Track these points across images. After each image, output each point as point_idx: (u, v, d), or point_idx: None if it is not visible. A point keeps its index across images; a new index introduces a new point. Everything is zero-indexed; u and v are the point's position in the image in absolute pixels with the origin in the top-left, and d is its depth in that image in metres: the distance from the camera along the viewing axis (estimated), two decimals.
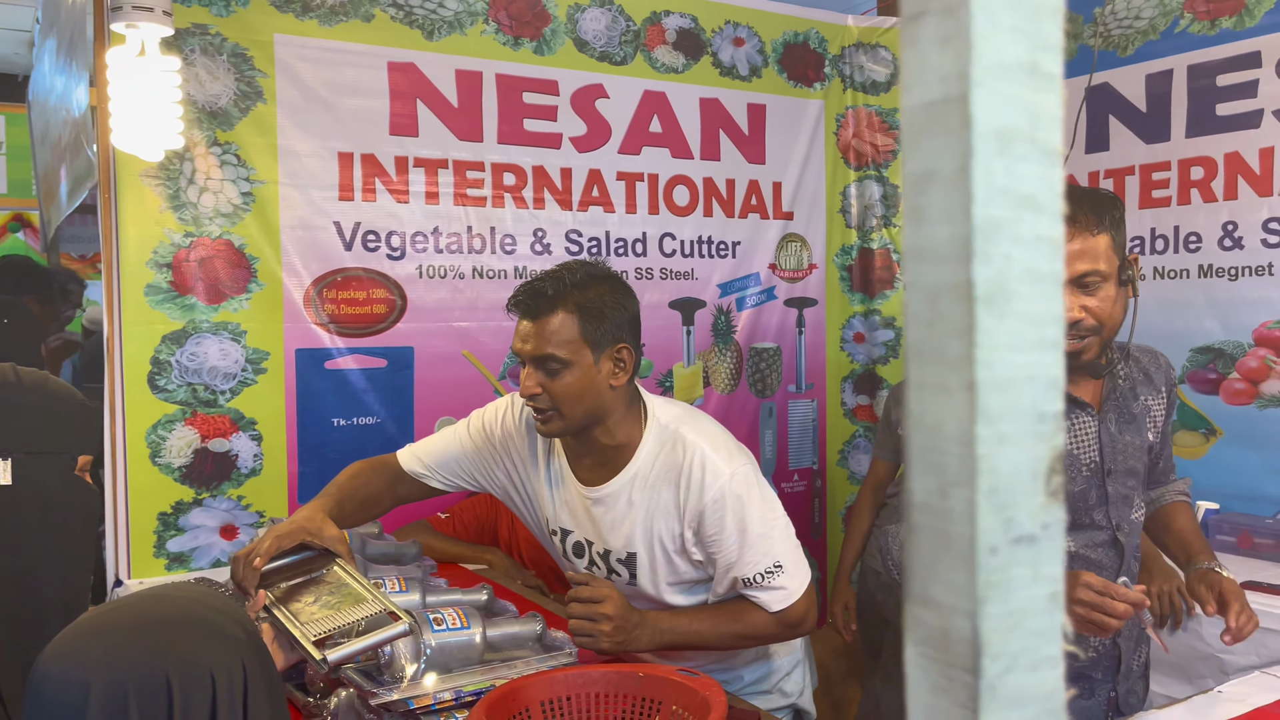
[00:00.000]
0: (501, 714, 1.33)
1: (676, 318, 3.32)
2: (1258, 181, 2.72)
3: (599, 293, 1.71)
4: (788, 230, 3.54)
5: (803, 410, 3.65)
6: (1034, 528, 0.31)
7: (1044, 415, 0.31)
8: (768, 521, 1.73)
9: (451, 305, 2.86)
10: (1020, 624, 0.30)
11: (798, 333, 3.62)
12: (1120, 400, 1.83)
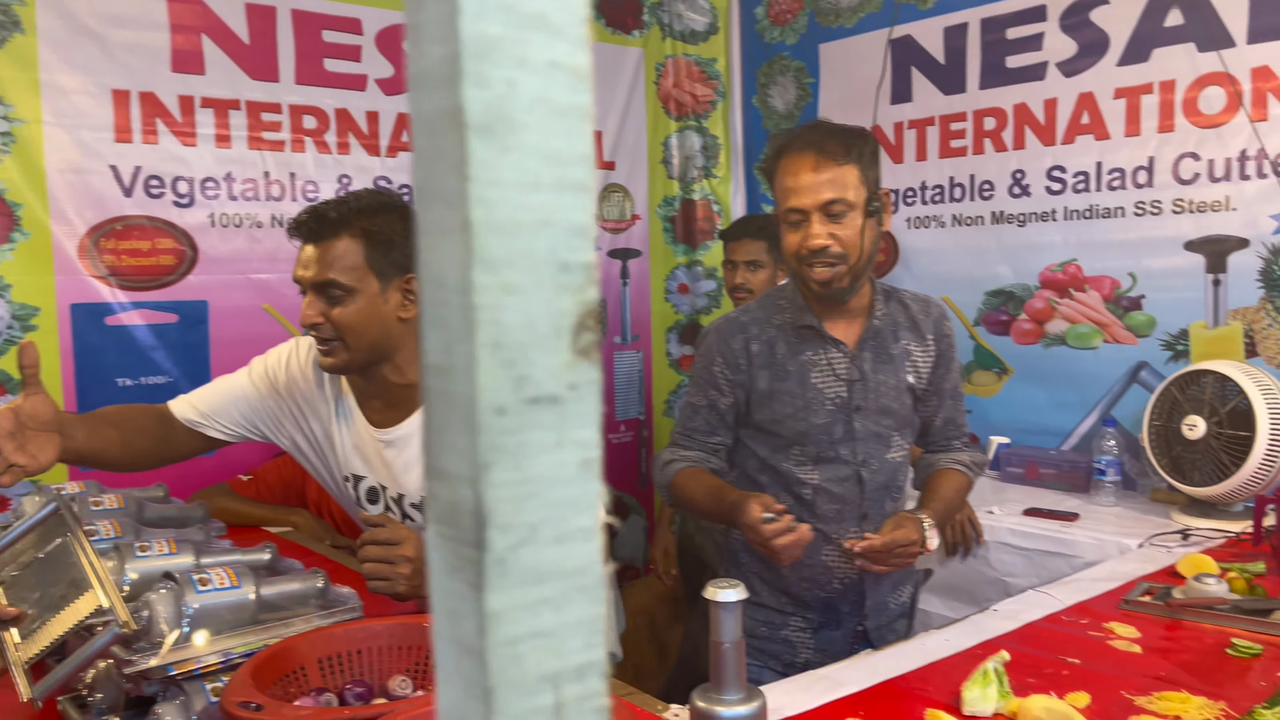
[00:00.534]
0: (272, 674, 1.26)
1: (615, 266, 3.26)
2: (1043, 131, 2.87)
3: (388, 220, 1.64)
4: (609, 180, 3.52)
5: (628, 361, 3.66)
6: (556, 388, 0.28)
7: (568, 265, 0.28)
8: None
9: (249, 256, 2.70)
10: (540, 493, 0.28)
11: (622, 284, 3.62)
12: (878, 340, 1.88)
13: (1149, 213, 2.67)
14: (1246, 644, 1.64)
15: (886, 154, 3.29)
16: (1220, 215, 2.54)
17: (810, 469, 1.87)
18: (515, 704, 0.27)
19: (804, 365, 1.86)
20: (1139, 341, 2.75)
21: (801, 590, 1.91)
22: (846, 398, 1.85)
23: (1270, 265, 2.48)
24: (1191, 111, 2.58)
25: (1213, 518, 2.40)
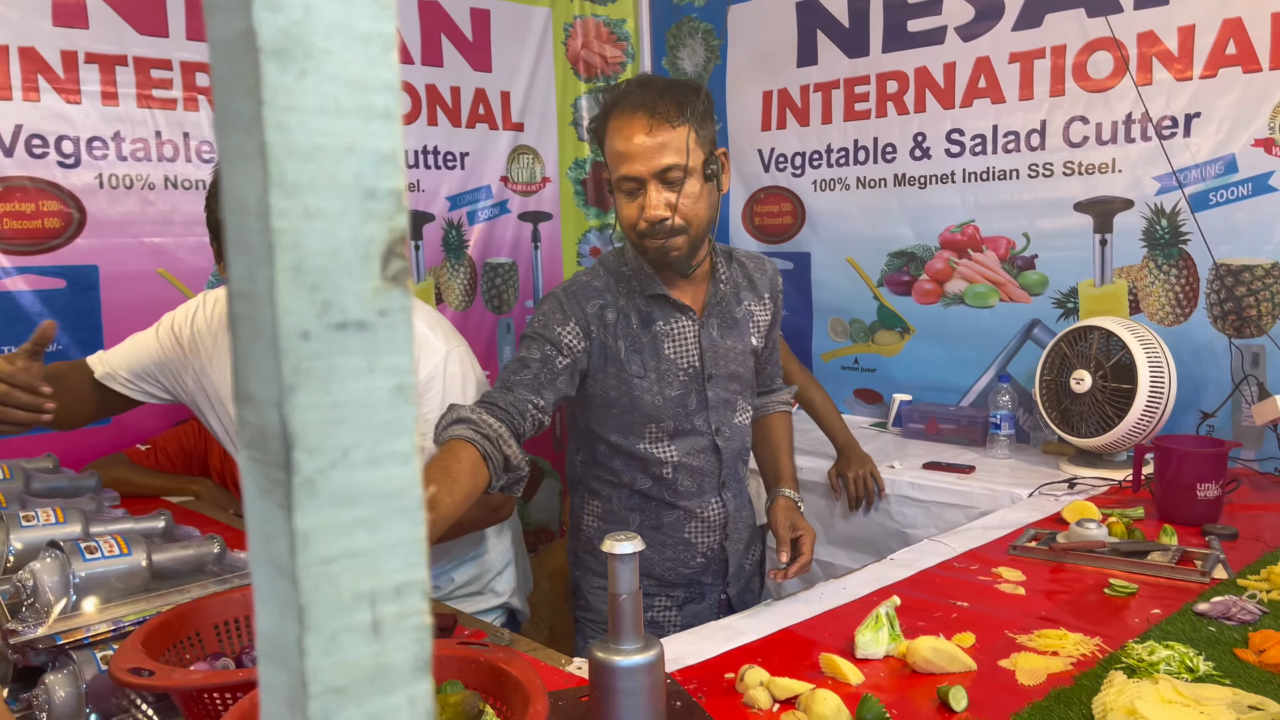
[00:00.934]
0: (164, 640, 1.24)
1: None
2: (942, 95, 2.93)
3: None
4: (518, 142, 3.48)
5: None
6: (366, 314, 0.28)
7: (375, 192, 0.28)
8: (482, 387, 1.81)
9: (141, 219, 2.61)
10: (351, 417, 0.28)
11: (533, 247, 3.60)
12: (723, 305, 1.83)
13: (1041, 175, 2.76)
14: (1123, 584, 1.73)
15: (793, 117, 3.32)
16: (1107, 177, 2.64)
17: (667, 445, 1.81)
18: (330, 622, 0.28)
19: (656, 336, 1.77)
20: (1032, 300, 2.84)
21: (665, 571, 1.88)
22: (699, 367, 1.80)
23: (1153, 225, 2.58)
24: (1081, 76, 2.66)
25: (1098, 467, 2.52)
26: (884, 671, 1.43)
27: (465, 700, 1.05)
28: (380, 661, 0.29)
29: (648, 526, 1.85)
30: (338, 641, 0.28)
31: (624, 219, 1.69)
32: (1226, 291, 2.47)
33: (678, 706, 1.30)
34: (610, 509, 1.87)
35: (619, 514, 1.86)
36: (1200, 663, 1.38)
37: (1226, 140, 2.43)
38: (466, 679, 1.13)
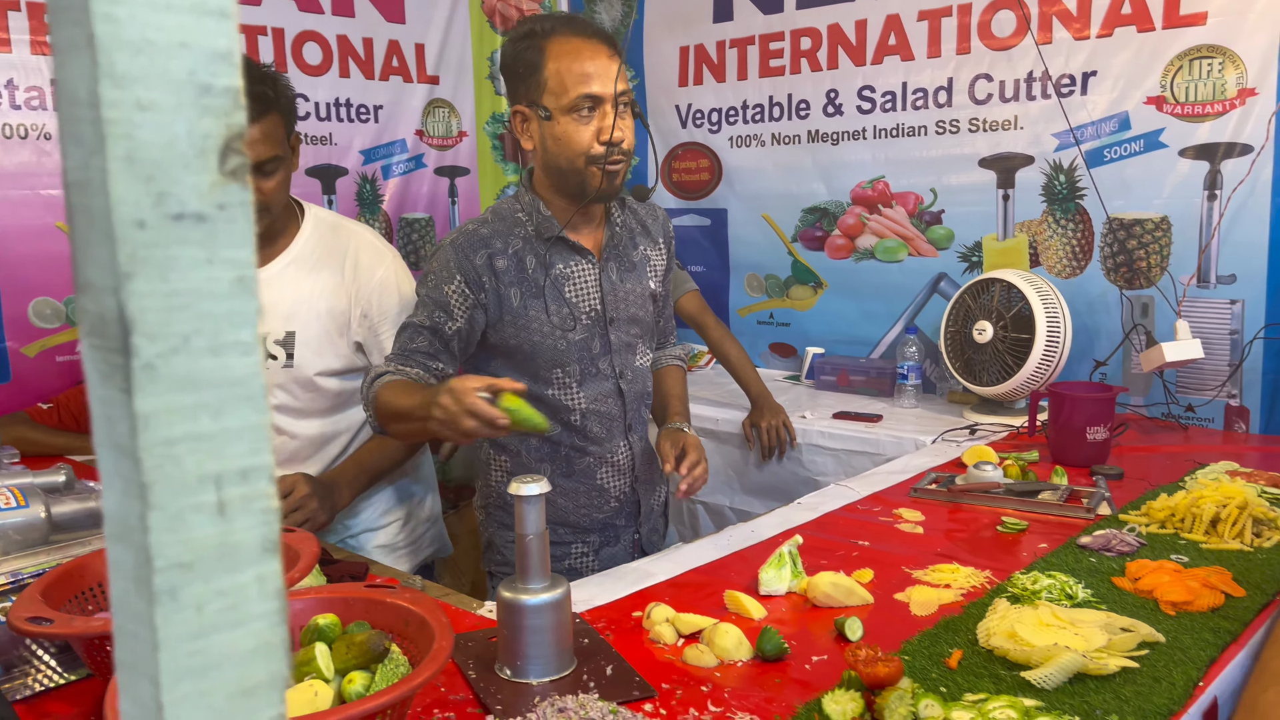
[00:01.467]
0: (65, 591, 1.23)
1: (316, 185, 3.14)
2: (854, 52, 2.97)
3: (287, 86, 1.82)
4: (434, 95, 3.43)
5: None
6: (203, 206, 0.29)
7: (210, 88, 0.29)
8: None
9: (38, 170, 2.51)
10: (191, 305, 0.29)
11: (450, 203, 3.56)
12: (620, 248, 1.84)
13: (948, 131, 2.83)
14: (1014, 521, 1.82)
15: (710, 73, 3.33)
16: (1009, 134, 2.71)
17: (576, 391, 1.81)
18: (174, 501, 0.29)
19: (556, 279, 1.75)
20: (939, 254, 2.92)
21: (580, 517, 1.89)
22: (600, 310, 1.80)
23: (1051, 181, 2.67)
24: (986, 34, 2.72)
25: (999, 414, 2.62)
26: (786, 606, 1.48)
27: (371, 639, 1.06)
28: (227, 541, 0.31)
29: (559, 475, 1.86)
30: (183, 520, 0.30)
31: (575, 143, 1.64)
32: (1119, 245, 2.57)
33: (585, 644, 1.33)
34: (520, 461, 1.86)
35: (529, 465, 1.85)
36: (1079, 590, 1.46)
37: (1121, 98, 2.52)
38: (373, 620, 1.14)
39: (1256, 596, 1.45)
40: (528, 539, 1.24)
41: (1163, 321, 2.51)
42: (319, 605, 1.15)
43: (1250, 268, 2.39)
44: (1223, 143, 2.38)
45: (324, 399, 1.90)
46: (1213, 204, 2.42)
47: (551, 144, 1.66)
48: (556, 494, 1.83)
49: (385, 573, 1.67)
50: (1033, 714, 1.09)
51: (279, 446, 1.90)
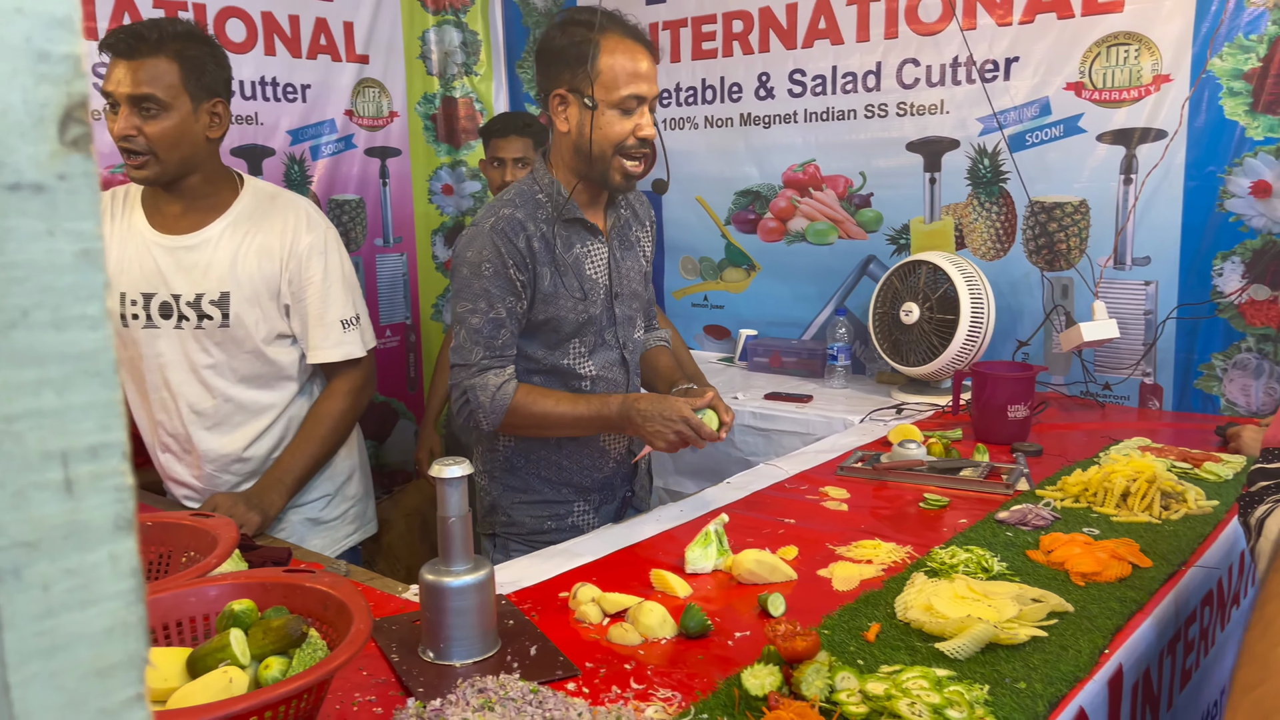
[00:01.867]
0: None
1: (242, 165, 3.07)
2: (785, 35, 2.99)
3: (200, 47, 1.81)
4: (364, 75, 3.37)
5: (392, 264, 3.58)
6: (42, 176, 0.28)
7: (49, 55, 0.28)
8: (355, 278, 2.00)
9: None
10: (32, 278, 0.28)
11: (382, 184, 3.51)
12: (622, 228, 1.94)
13: (877, 115, 2.86)
14: (936, 497, 1.86)
15: None
16: (936, 118, 2.76)
17: (587, 360, 1.89)
18: (16, 478, 0.29)
19: (578, 258, 1.84)
20: (868, 237, 2.96)
21: (582, 478, 1.94)
22: (609, 284, 1.90)
23: (976, 164, 2.72)
24: (913, 19, 2.75)
25: (925, 393, 2.67)
26: (711, 584, 1.50)
27: (288, 623, 1.05)
28: (76, 519, 0.30)
29: (565, 439, 1.90)
30: (25, 497, 0.29)
31: (612, 134, 1.73)
32: (1040, 227, 2.63)
33: (510, 625, 1.33)
34: None
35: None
36: (995, 563, 1.50)
37: (1042, 84, 2.57)
38: (292, 604, 1.13)
39: (1162, 567, 1.50)
40: (450, 521, 1.24)
41: (1082, 302, 2.58)
42: (235, 591, 1.13)
43: (1163, 250, 2.46)
44: (1138, 128, 2.45)
45: (259, 363, 1.92)
46: (1128, 188, 2.48)
47: (590, 130, 1.74)
48: (562, 456, 1.92)
49: (310, 558, 1.66)
50: (944, 683, 1.12)
51: (210, 410, 1.91)
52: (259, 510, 1.81)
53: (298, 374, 1.98)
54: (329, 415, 1.97)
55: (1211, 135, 2.36)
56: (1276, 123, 2.28)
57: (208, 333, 1.87)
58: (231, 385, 1.92)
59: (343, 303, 1.93)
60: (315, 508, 2.01)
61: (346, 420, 2.00)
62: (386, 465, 3.59)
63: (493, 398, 1.75)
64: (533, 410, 1.76)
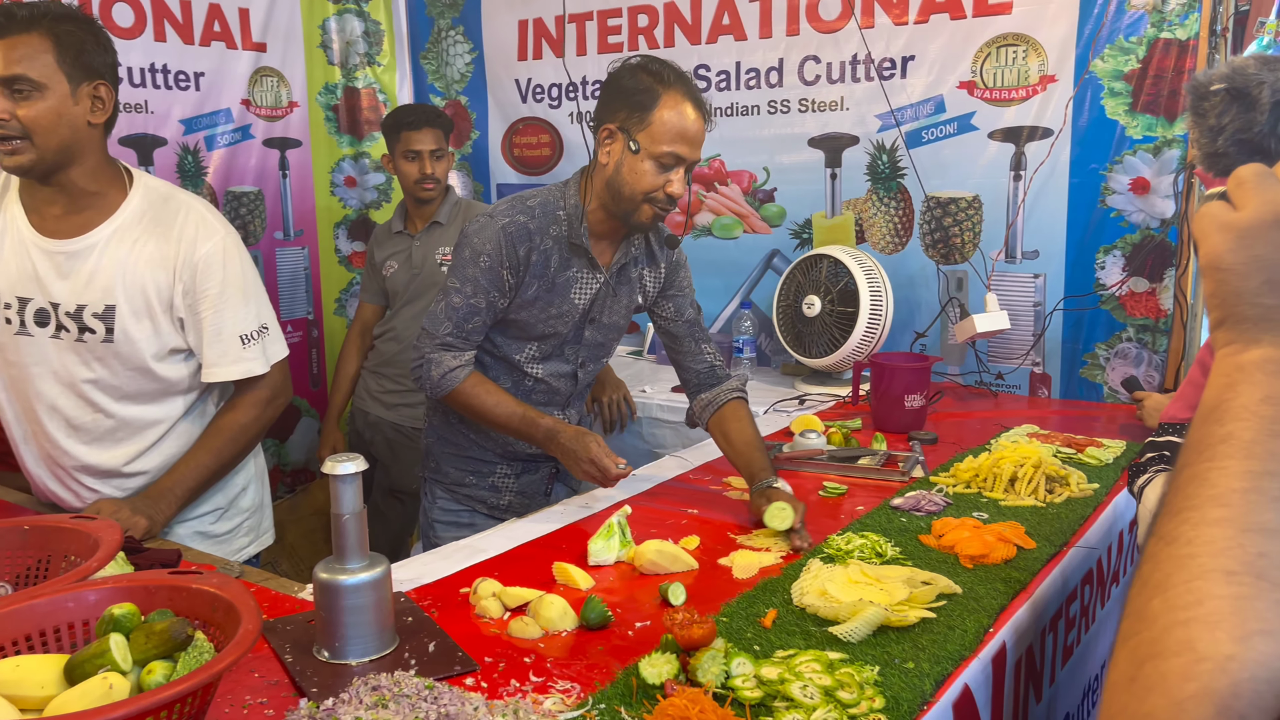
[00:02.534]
0: None
1: (131, 155, 2.96)
2: (690, 30, 3.01)
3: (78, 25, 1.69)
4: (261, 63, 3.28)
5: (293, 258, 3.49)
6: None
7: None
8: (260, 285, 1.85)
9: None
10: None
11: (281, 175, 3.42)
12: (625, 267, 1.97)
13: (779, 111, 2.90)
14: (834, 485, 1.90)
15: (549, 48, 3.31)
16: (836, 114, 2.81)
17: (538, 363, 1.98)
18: None
19: (568, 280, 1.91)
20: (772, 231, 3.01)
21: (506, 448, 2.05)
22: (586, 309, 1.96)
23: (875, 160, 2.78)
24: (814, 17, 2.80)
25: (827, 384, 2.72)
26: (614, 575, 1.51)
27: (172, 626, 1.02)
28: None
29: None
30: None
31: (643, 184, 1.79)
32: (936, 222, 2.71)
33: (408, 622, 1.31)
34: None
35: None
36: (889, 548, 1.54)
37: (936, 82, 2.64)
38: (177, 607, 1.09)
39: (1045, 548, 1.57)
40: (344, 518, 1.22)
41: (975, 295, 2.67)
42: (116, 595, 1.10)
43: (1051, 244, 2.56)
44: (1026, 126, 2.54)
45: (147, 380, 1.78)
46: (1018, 184, 2.57)
47: (626, 171, 1.80)
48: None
49: (201, 559, 1.61)
50: (837, 665, 1.15)
51: (91, 424, 1.78)
52: (145, 515, 1.69)
53: (189, 387, 1.83)
54: (230, 427, 1.83)
55: (1094, 134, 2.46)
56: (1154, 122, 2.40)
57: (89, 347, 1.73)
58: (114, 402, 1.77)
59: (243, 316, 1.78)
60: (206, 521, 1.88)
61: (249, 433, 1.86)
62: (289, 464, 3.50)
63: (442, 376, 1.87)
64: (471, 402, 1.89)
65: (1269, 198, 0.56)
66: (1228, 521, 0.50)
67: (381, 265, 2.93)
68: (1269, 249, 0.55)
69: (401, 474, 2.93)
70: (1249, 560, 0.48)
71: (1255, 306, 0.55)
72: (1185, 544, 0.51)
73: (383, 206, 3.64)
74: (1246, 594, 0.47)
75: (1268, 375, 0.53)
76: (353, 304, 3.63)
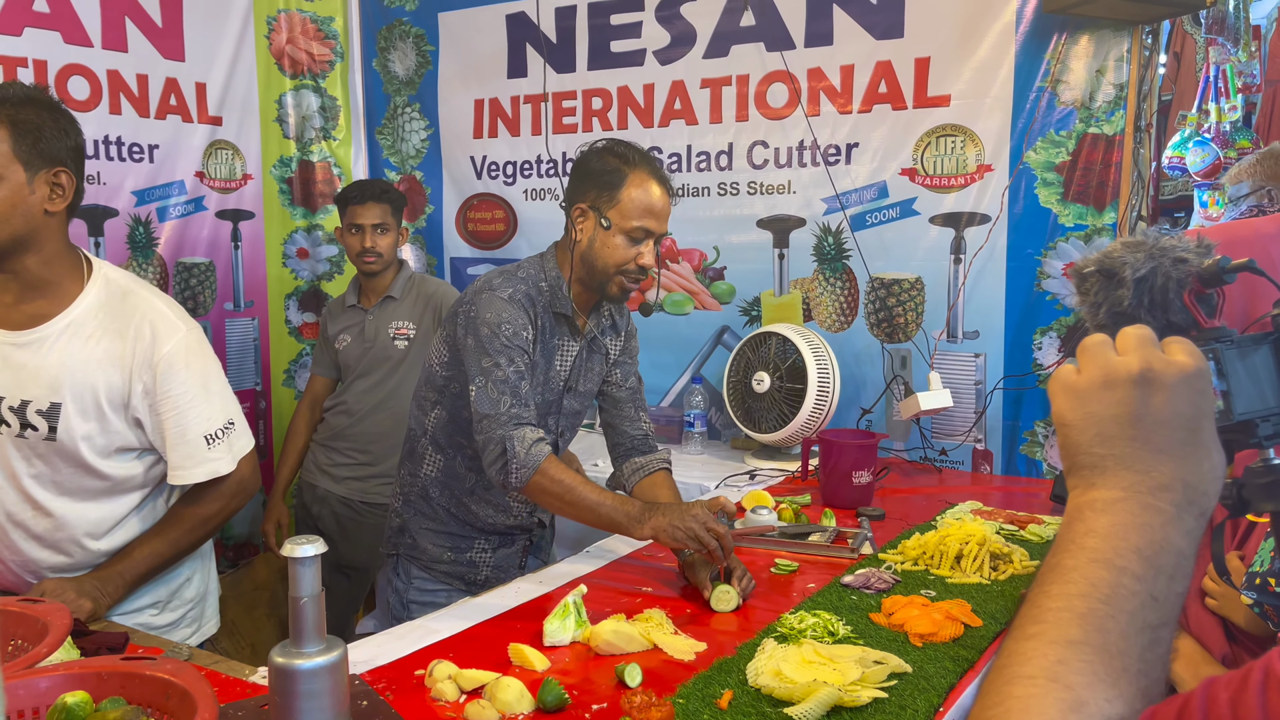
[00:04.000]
0: None
1: (82, 227, 2.95)
2: (643, 114, 3.10)
3: (36, 111, 1.63)
4: (216, 136, 3.30)
5: (242, 329, 3.48)
6: None
7: None
8: (223, 380, 1.81)
9: None
10: None
11: (234, 247, 3.42)
12: (594, 337, 2.06)
13: (729, 193, 2.99)
14: (786, 562, 1.93)
15: (505, 126, 3.39)
16: (784, 197, 2.91)
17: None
18: None
19: (552, 349, 1.99)
20: (722, 308, 3.07)
21: (484, 525, 2.10)
22: (567, 378, 2.03)
23: (821, 241, 2.88)
24: (762, 104, 2.91)
25: (776, 459, 2.77)
26: (569, 656, 1.51)
27: (125, 716, 1.01)
28: None
29: (479, 487, 2.06)
30: None
31: (616, 257, 1.90)
32: (880, 302, 2.80)
33: (364, 706, 1.30)
34: (451, 465, 2.07)
35: (458, 471, 2.07)
36: (840, 627, 1.57)
37: (879, 168, 2.76)
38: (130, 695, 1.08)
39: (991, 625, 1.61)
40: (302, 601, 1.21)
41: (919, 373, 2.75)
42: (68, 682, 1.08)
43: (990, 324, 2.66)
44: (965, 212, 2.65)
45: (92, 479, 1.71)
46: (958, 266, 2.68)
47: (599, 246, 1.91)
48: (472, 501, 2.07)
49: (148, 642, 1.58)
50: None
51: (29, 520, 1.71)
52: (91, 598, 1.63)
53: (141, 484, 1.77)
54: (191, 519, 1.77)
55: (1028, 221, 2.58)
56: (1085, 211, 2.52)
57: (31, 444, 1.67)
58: (59, 499, 1.71)
59: (207, 415, 1.72)
60: (145, 615, 1.81)
61: (210, 526, 1.80)
62: (232, 538, 3.44)
63: (528, 451, 1.81)
64: (560, 478, 1.81)
65: (1101, 363, 0.65)
66: (1038, 636, 0.58)
67: (334, 338, 2.94)
68: (1100, 406, 0.64)
69: (349, 549, 2.89)
70: (1047, 667, 0.56)
71: (1090, 455, 0.64)
72: (1005, 656, 0.60)
73: (335, 278, 3.65)
74: (1036, 693, 0.56)
75: (1096, 513, 0.61)
76: (302, 375, 3.61)
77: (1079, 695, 0.55)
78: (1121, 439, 0.63)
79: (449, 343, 1.99)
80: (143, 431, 1.72)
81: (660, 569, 1.92)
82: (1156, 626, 0.58)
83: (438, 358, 2.02)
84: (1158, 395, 0.63)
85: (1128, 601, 0.58)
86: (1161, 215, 4.54)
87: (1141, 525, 0.60)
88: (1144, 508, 0.60)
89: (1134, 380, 0.63)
